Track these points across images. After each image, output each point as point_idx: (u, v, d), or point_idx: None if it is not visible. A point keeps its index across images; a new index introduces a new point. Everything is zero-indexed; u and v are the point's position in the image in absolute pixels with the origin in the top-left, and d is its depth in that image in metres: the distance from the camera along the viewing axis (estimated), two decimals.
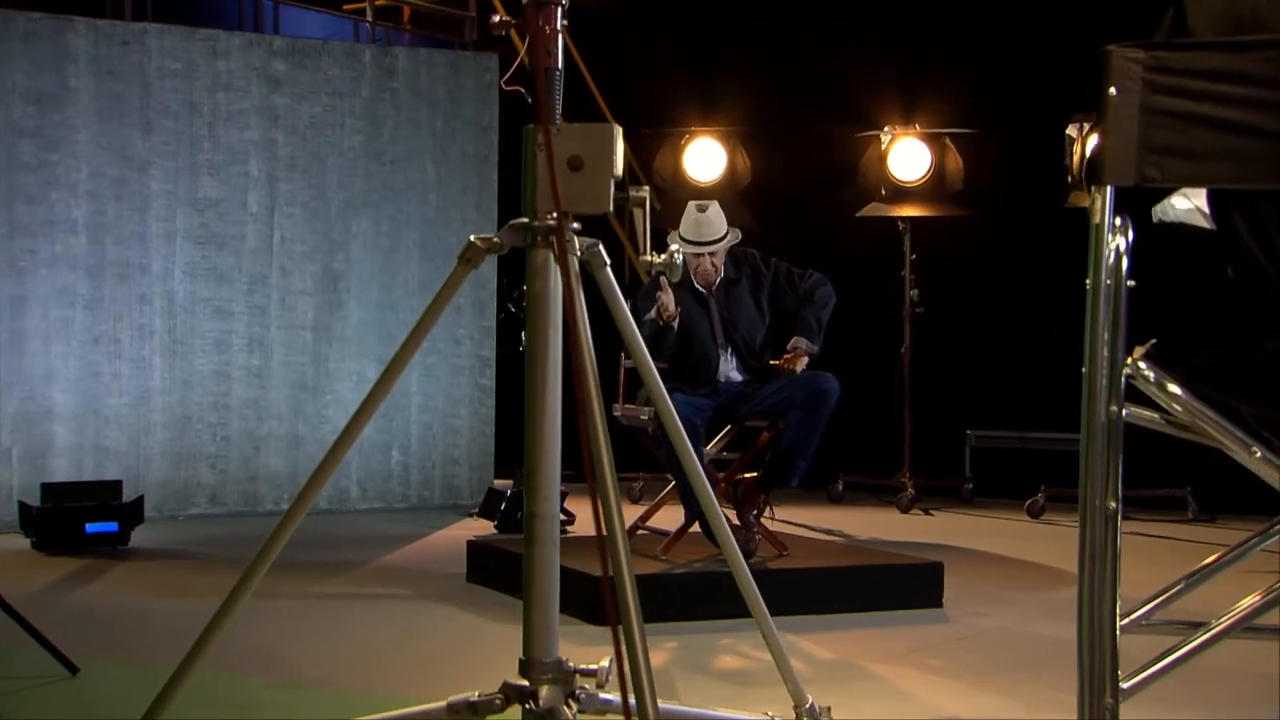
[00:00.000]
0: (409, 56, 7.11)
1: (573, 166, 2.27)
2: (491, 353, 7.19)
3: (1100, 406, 2.07)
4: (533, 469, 2.27)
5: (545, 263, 2.29)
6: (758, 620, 2.54)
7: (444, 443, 7.11)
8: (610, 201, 2.28)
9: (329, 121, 6.86)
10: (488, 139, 7.17)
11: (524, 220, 2.31)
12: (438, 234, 7.05)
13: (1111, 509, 2.06)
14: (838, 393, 4.80)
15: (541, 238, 2.29)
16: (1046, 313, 7.34)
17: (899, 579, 4.66)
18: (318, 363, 6.86)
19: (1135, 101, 1.99)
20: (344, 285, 6.90)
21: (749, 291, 5.01)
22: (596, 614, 4.09)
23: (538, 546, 2.24)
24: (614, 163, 2.28)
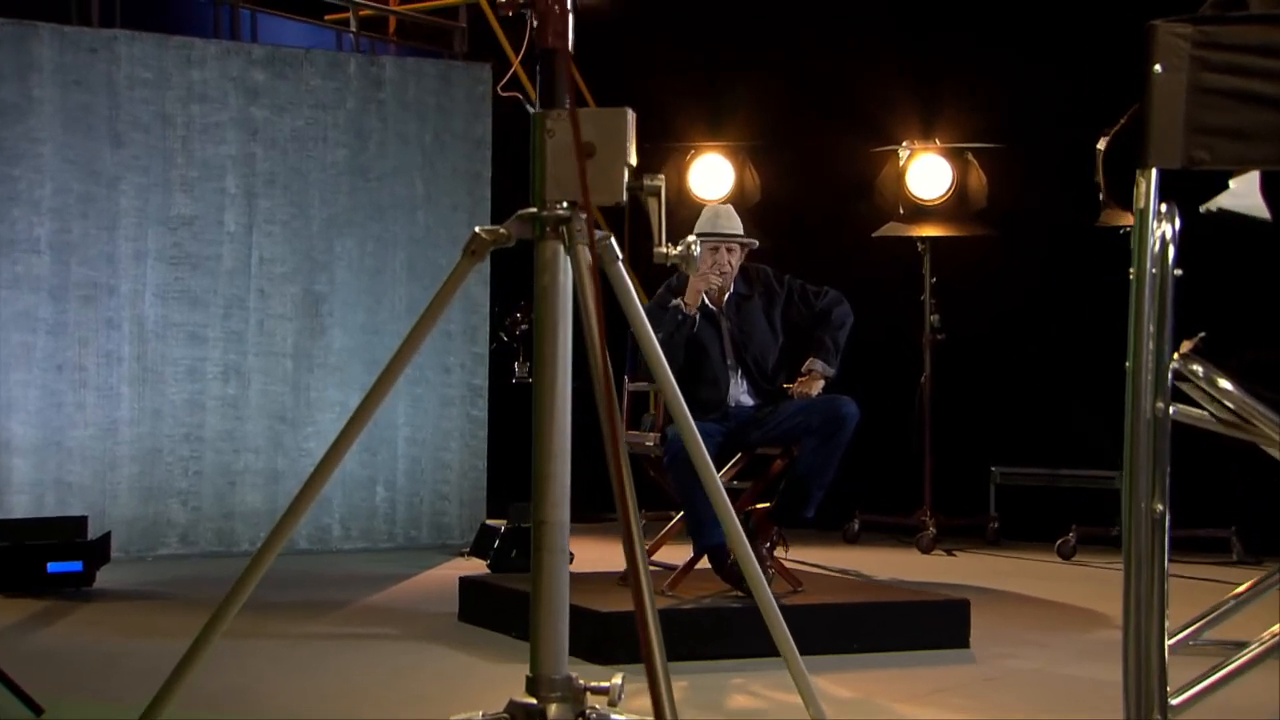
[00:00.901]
0: (397, 67, 7.16)
1: (584, 154, 2.29)
2: (484, 381, 7.21)
3: (1145, 404, 2.09)
4: (541, 474, 2.28)
5: (555, 255, 2.31)
6: (786, 658, 2.56)
7: (433, 478, 7.11)
8: (624, 190, 2.31)
9: (311, 135, 6.90)
10: (480, 154, 7.21)
11: (532, 210, 2.33)
12: (426, 254, 7.07)
13: (1159, 512, 2.08)
14: (856, 418, 4.82)
15: (551, 228, 2.31)
16: (1077, 340, 7.37)
17: (922, 617, 4.66)
18: (298, 392, 6.87)
19: (1182, 79, 2.03)
20: (327, 309, 6.92)
21: (761, 310, 5.04)
22: (600, 652, 4.09)
23: (546, 554, 2.25)
24: (627, 150, 2.30)
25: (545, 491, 2.29)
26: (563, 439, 2.30)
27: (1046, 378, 7.59)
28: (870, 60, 7.76)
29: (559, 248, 2.31)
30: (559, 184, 2.31)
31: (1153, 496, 2.08)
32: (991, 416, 7.70)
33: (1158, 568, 2.06)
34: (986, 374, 7.65)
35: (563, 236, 2.30)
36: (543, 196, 2.32)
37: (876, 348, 7.36)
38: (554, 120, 2.32)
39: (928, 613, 4.70)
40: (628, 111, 2.32)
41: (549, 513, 2.29)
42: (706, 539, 4.70)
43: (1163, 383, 2.09)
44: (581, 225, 2.29)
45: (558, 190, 2.31)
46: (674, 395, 2.53)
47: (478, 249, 2.37)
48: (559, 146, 2.31)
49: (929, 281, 7.31)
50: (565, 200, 2.32)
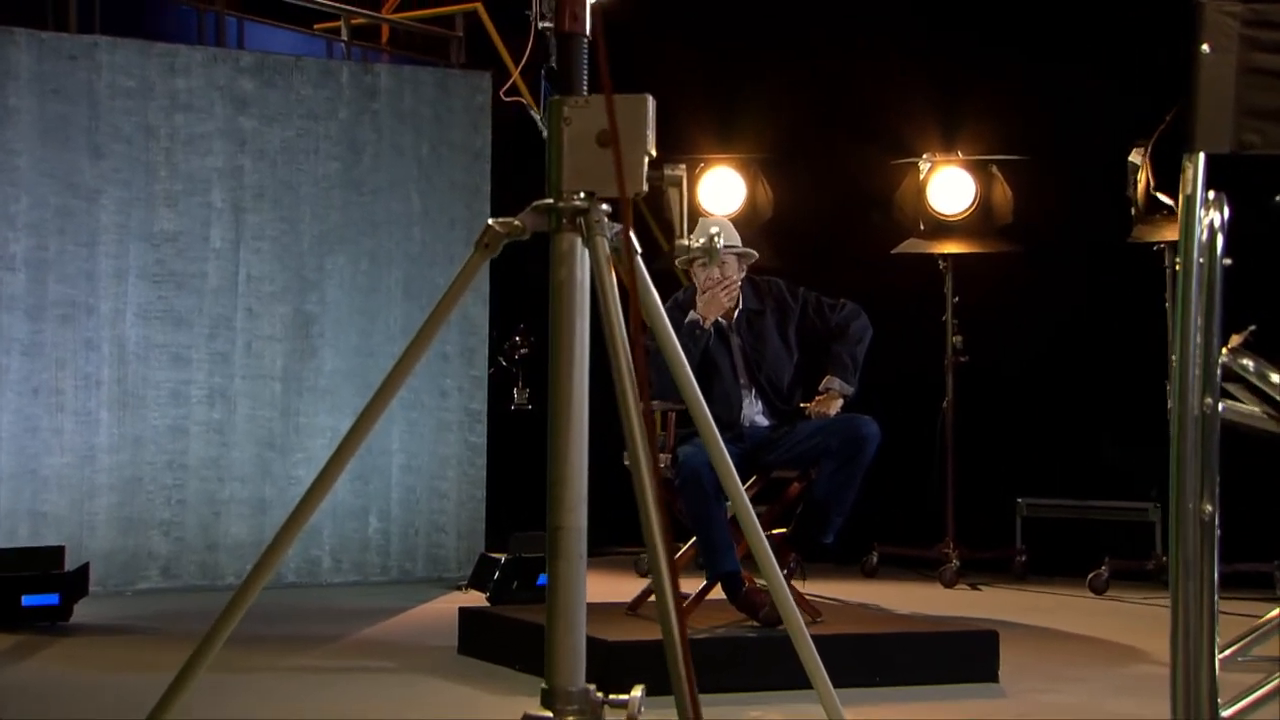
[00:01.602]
0: (392, 75, 7.21)
1: (601, 142, 2.32)
2: (483, 406, 7.22)
3: (1192, 400, 2.12)
4: (558, 478, 2.30)
5: (572, 248, 2.33)
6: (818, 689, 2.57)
7: (429, 507, 7.12)
8: (644, 181, 2.33)
9: (302, 146, 6.94)
10: (479, 167, 7.25)
11: (548, 201, 2.35)
12: (423, 273, 7.10)
13: (1208, 513, 2.09)
14: (878, 438, 4.83)
15: (568, 220, 2.33)
16: (1109, 364, 7.39)
17: (948, 648, 4.66)
18: (287, 417, 6.89)
19: (1231, 60, 2.05)
20: (317, 330, 6.95)
21: (774, 325, 5.06)
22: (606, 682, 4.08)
23: (563, 562, 2.27)
24: (647, 138, 2.33)
25: (561, 496, 2.30)
26: (579, 441, 2.32)
27: (1076, 403, 7.60)
28: (888, 68, 7.80)
29: (576, 240, 2.34)
30: (577, 173, 2.33)
31: (1201, 497, 2.09)
32: (1017, 444, 7.70)
33: (1207, 571, 2.07)
34: (1012, 399, 7.66)
35: (580, 228, 2.32)
36: (559, 187, 2.35)
37: (896, 371, 7.36)
38: (571, 107, 2.34)
39: (954, 644, 4.70)
40: (648, 99, 2.35)
41: (565, 518, 2.30)
42: (720, 566, 4.71)
43: (1211, 378, 2.11)
44: (600, 216, 2.32)
45: (575, 180, 2.34)
46: (699, 408, 2.55)
47: (491, 242, 2.39)
48: (576, 135, 2.34)
49: (951, 301, 7.31)
50: (583, 190, 2.34)
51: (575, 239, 2.34)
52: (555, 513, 2.30)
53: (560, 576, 2.28)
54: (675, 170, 2.40)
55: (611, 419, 2.37)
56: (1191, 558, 2.07)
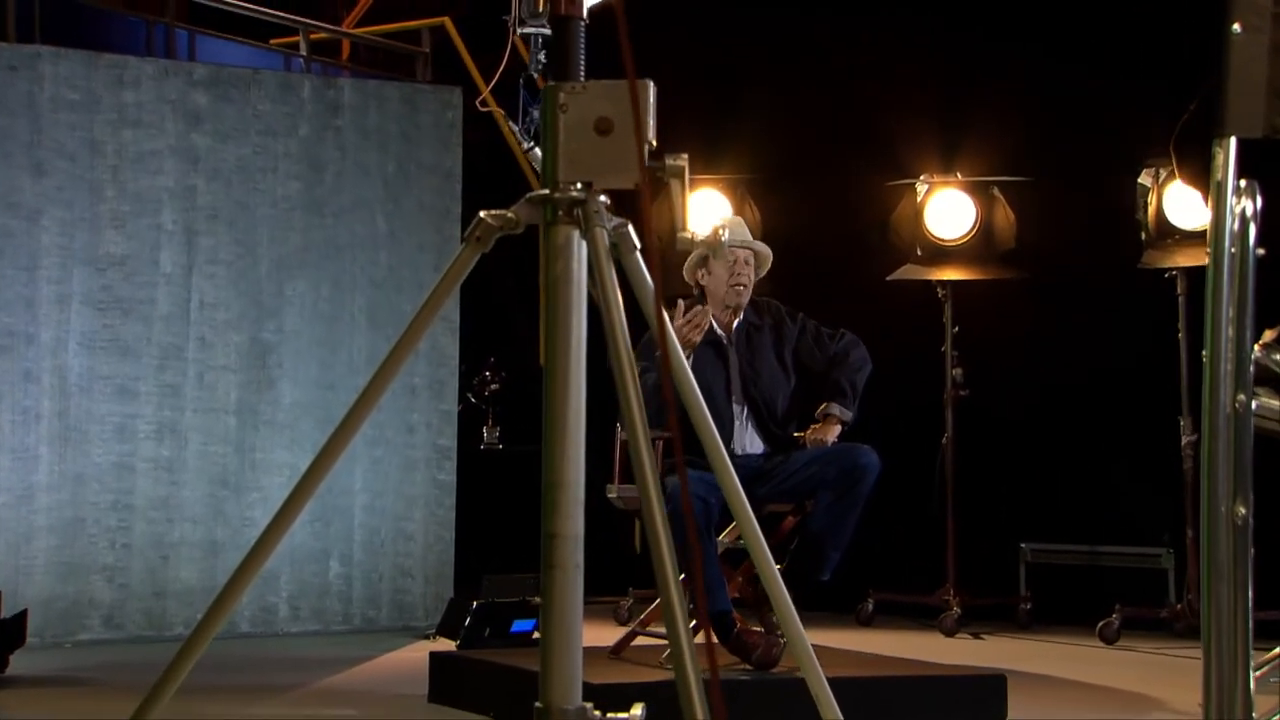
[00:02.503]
0: (356, 90, 7.25)
1: (600, 130, 2.35)
2: (452, 442, 7.24)
3: (1224, 397, 2.15)
4: (552, 482, 2.31)
5: (568, 241, 2.36)
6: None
7: (394, 551, 7.12)
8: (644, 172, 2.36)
9: (259, 165, 6.97)
10: (450, 188, 7.30)
11: (543, 193, 2.38)
12: (389, 299, 7.13)
13: (1241, 516, 2.13)
14: (878, 468, 4.87)
15: (564, 212, 2.36)
16: (1119, 399, 7.44)
17: (954, 693, 4.69)
18: (242, 454, 6.88)
19: (1264, 40, 2.10)
20: (275, 360, 6.96)
21: (771, 344, 5.11)
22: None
23: (558, 571, 2.28)
24: (647, 126, 2.36)
25: (557, 501, 2.32)
26: (576, 442, 2.34)
27: (1083, 442, 7.65)
28: (884, 83, 7.88)
29: (573, 233, 2.36)
30: (573, 163, 2.37)
31: (1234, 499, 2.13)
32: (1021, 485, 7.75)
33: (1240, 576, 2.11)
34: (1015, 436, 7.70)
35: (577, 220, 2.35)
36: (555, 177, 2.38)
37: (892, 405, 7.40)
38: (568, 94, 2.38)
39: (960, 689, 4.73)
40: (648, 84, 2.38)
41: (560, 525, 2.32)
42: (711, 605, 4.72)
43: (1243, 374, 2.14)
44: (599, 207, 2.35)
45: (572, 170, 2.37)
46: (706, 424, 2.57)
47: (483, 235, 2.42)
48: (573, 122, 2.37)
49: (950, 331, 7.37)
50: (580, 181, 2.37)
51: (572, 232, 2.36)
52: (551, 519, 2.32)
53: (555, 587, 2.29)
54: (677, 160, 2.44)
55: (590, 448, 2.39)
56: (1224, 562, 2.10)
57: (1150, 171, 6.89)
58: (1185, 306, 6.90)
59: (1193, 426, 6.84)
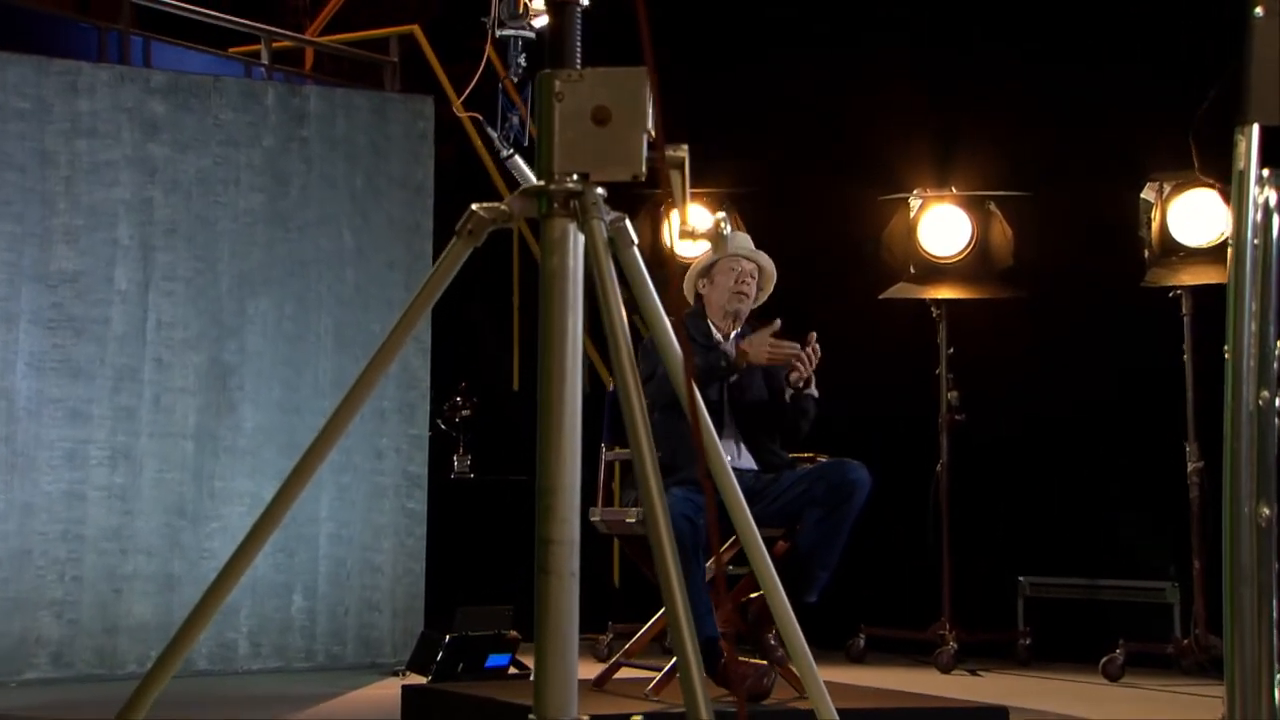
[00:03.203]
0: (323, 98, 7.27)
1: (597, 120, 2.39)
2: (423, 469, 7.24)
3: (1246, 394, 2.19)
4: (548, 486, 2.34)
5: (564, 235, 2.40)
6: None
7: (361, 583, 7.11)
8: (643, 162, 2.40)
9: (220, 177, 6.98)
10: (421, 202, 7.32)
11: (538, 184, 2.42)
12: (356, 318, 7.14)
13: (1265, 517, 2.17)
14: (868, 485, 4.94)
15: (559, 204, 2.40)
16: (1122, 424, 7.50)
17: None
18: (200, 481, 6.87)
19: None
20: (236, 382, 6.96)
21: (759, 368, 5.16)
22: None
23: (554, 578, 2.31)
24: (646, 116, 2.40)
25: (552, 505, 2.35)
26: (573, 444, 2.37)
27: (1085, 469, 7.71)
28: (875, 94, 7.93)
29: (569, 226, 2.40)
30: (570, 154, 2.41)
31: (1257, 500, 2.17)
32: (1020, 514, 7.80)
33: (1265, 578, 2.14)
34: (1013, 463, 7.76)
35: (574, 213, 2.39)
36: (550, 168, 2.41)
37: (884, 429, 7.46)
38: (564, 81, 2.42)
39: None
40: (645, 72, 2.42)
41: (556, 530, 2.34)
42: (699, 631, 4.74)
43: (1267, 369, 2.18)
44: (596, 199, 2.39)
45: (568, 160, 2.41)
46: (711, 441, 2.61)
47: (475, 228, 2.45)
48: (569, 111, 2.41)
49: (945, 353, 7.42)
50: (576, 172, 2.41)
51: (568, 225, 2.40)
52: (545, 525, 2.35)
53: (551, 594, 2.32)
54: (677, 151, 2.48)
55: (586, 472, 2.43)
56: (1246, 565, 2.14)
57: (1154, 186, 6.95)
58: (1191, 327, 6.95)
59: (1199, 453, 6.89)
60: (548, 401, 2.38)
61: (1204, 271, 6.85)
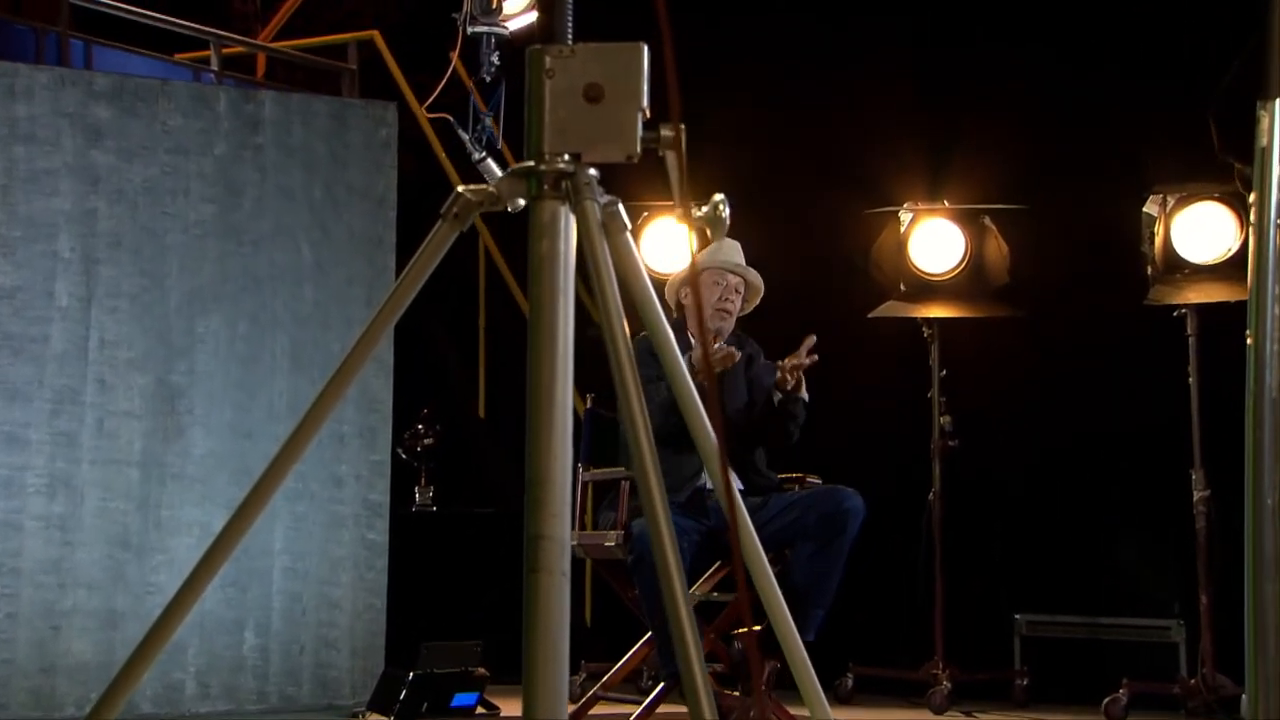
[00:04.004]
0: (279, 104, 7.30)
1: (589, 98, 2.44)
2: (384, 497, 7.25)
3: (1270, 381, 2.24)
4: (538, 477, 2.38)
5: (554, 218, 2.44)
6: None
7: (317, 619, 7.10)
8: (637, 143, 2.45)
9: (169, 186, 6.99)
10: (383, 215, 7.34)
11: (528, 165, 2.46)
12: (314, 338, 7.15)
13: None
14: (862, 513, 4.99)
15: (550, 185, 2.44)
16: (1124, 452, 7.55)
17: None
18: (146, 511, 6.87)
19: None
20: (185, 405, 6.96)
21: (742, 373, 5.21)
22: None
23: (544, 576, 2.34)
24: (641, 94, 2.45)
25: (543, 499, 2.38)
26: (564, 436, 2.40)
27: (1084, 498, 7.75)
28: (863, 102, 7.99)
29: (560, 208, 2.44)
30: (560, 133, 2.45)
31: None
32: (1016, 546, 7.84)
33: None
34: (1010, 491, 7.80)
35: (566, 194, 2.43)
36: (540, 148, 2.46)
37: (872, 456, 7.49)
38: (555, 57, 2.46)
39: None
40: (642, 47, 2.47)
41: (546, 525, 2.38)
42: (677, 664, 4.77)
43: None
44: (589, 179, 2.43)
45: (559, 140, 2.45)
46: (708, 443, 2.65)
47: (461, 212, 2.50)
48: (560, 89, 2.46)
49: (937, 375, 7.46)
50: (567, 152, 2.45)
51: (559, 207, 2.45)
52: (535, 519, 2.38)
53: (540, 593, 2.35)
54: (671, 130, 2.52)
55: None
56: (1269, 559, 2.19)
57: (1157, 199, 7.01)
58: (1196, 347, 7.00)
59: (1205, 481, 6.94)
60: (537, 389, 2.42)
61: (1211, 289, 6.91)
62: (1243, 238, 6.81)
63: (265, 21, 10.37)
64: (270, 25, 9.86)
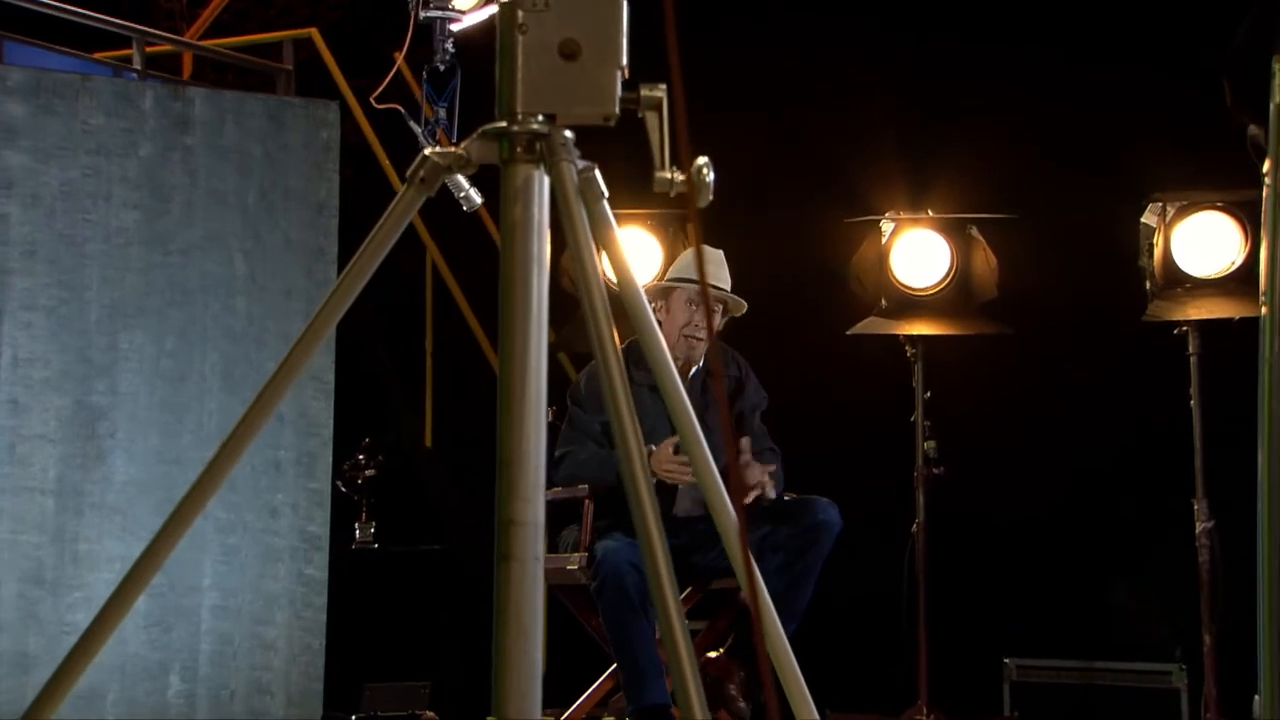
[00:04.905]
0: (210, 102, 7.31)
1: (565, 54, 2.49)
2: (324, 529, 7.24)
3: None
4: (509, 456, 2.42)
5: (528, 181, 2.49)
6: None
7: (249, 663, 7.08)
8: (616, 103, 2.50)
9: (90, 191, 6.99)
10: (323, 223, 7.35)
11: (500, 125, 2.50)
12: (248, 355, 7.15)
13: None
14: (838, 527, 5.06)
15: (523, 148, 2.49)
16: (1120, 481, 7.59)
17: None
18: (62, 544, 6.84)
19: None
20: (106, 428, 6.94)
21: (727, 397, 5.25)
22: None
23: (515, 564, 2.38)
24: (620, 52, 2.50)
25: (513, 481, 2.42)
26: (537, 414, 2.44)
27: (1079, 531, 7.80)
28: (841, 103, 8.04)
29: (533, 172, 2.49)
30: (534, 91, 2.50)
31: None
32: (1005, 583, 7.87)
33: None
34: (998, 522, 7.83)
35: (540, 156, 2.47)
36: (512, 108, 2.50)
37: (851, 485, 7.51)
38: (528, 11, 2.51)
39: None
40: (621, 1, 2.52)
41: (518, 510, 2.41)
42: (645, 698, 4.83)
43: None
44: (564, 140, 2.47)
45: (533, 100, 2.50)
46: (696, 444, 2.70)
47: (428, 176, 2.54)
48: (533, 45, 2.51)
49: (921, 397, 7.50)
50: (541, 113, 2.50)
51: (532, 171, 2.49)
52: (506, 503, 2.41)
53: (512, 582, 2.38)
54: (654, 91, 2.58)
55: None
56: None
57: (1156, 208, 7.05)
58: (1199, 367, 7.04)
59: (1208, 511, 6.97)
60: (509, 363, 2.45)
61: (1214, 305, 6.96)
62: (1248, 249, 6.87)
63: (191, 20, 10.40)
64: (197, 23, 9.86)
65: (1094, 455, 7.68)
